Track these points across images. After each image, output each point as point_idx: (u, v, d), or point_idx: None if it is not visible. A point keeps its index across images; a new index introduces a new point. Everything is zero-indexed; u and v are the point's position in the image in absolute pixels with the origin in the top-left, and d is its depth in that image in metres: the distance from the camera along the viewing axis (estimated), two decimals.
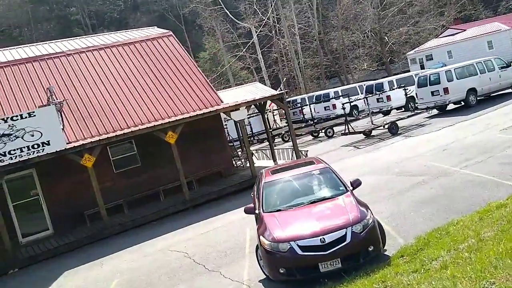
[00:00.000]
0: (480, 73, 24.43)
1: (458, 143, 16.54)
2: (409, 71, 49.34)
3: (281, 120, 35.86)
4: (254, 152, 23.18)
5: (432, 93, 24.43)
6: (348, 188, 9.21)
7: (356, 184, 9.48)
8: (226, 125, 31.02)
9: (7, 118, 13.62)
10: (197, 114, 16.57)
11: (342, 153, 20.69)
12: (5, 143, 13.46)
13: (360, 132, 22.24)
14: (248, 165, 21.03)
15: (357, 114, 31.02)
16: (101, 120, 17.11)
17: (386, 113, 28.65)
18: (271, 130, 31.31)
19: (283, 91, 18.57)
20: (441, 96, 24.07)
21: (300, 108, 31.87)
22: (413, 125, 23.15)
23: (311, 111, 29.99)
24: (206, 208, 16.19)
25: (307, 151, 19.26)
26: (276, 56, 57.74)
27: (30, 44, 21.05)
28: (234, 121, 17.52)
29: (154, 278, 10.45)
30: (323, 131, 26.92)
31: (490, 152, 14.09)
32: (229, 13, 54.32)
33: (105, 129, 16.82)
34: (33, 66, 17.95)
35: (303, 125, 29.87)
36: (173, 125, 16.04)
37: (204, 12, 54.61)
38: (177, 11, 70.31)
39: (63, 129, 16.39)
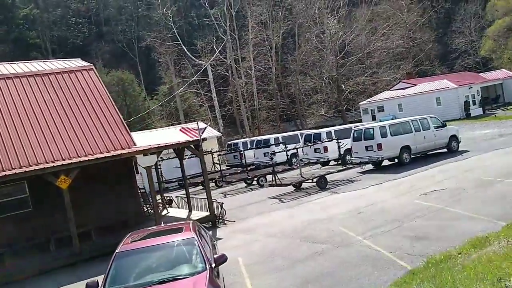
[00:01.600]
0: (415, 131, 24.12)
1: (375, 206, 15.73)
2: (361, 120, 49.56)
3: (223, 163, 34.68)
4: (174, 198, 21.78)
5: (366, 148, 23.90)
6: (207, 267, 7.94)
7: (220, 261, 8.25)
8: (160, 165, 29.72)
9: None
10: (97, 158, 15.16)
11: (264, 206, 19.56)
12: None
13: (287, 184, 21.22)
14: (167, 212, 19.65)
15: (297, 162, 30.18)
16: None
17: (324, 164, 27.92)
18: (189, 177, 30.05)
19: (199, 138, 17.36)
20: (374, 151, 23.52)
21: (240, 152, 30.80)
22: (344, 180, 22.37)
23: (244, 157, 28.94)
24: (100, 261, 14.60)
25: (222, 203, 18.00)
26: (231, 95, 57.19)
27: None
28: (142, 167, 16.18)
29: None
30: (256, 179, 25.80)
31: (400, 220, 13.28)
32: (185, 49, 53.76)
33: None
34: None
35: (239, 171, 28.74)
36: (67, 168, 14.55)
37: (160, 47, 53.86)
38: (136, 44, 69.69)
39: None
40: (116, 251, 8.58)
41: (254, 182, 26.12)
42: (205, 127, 19.29)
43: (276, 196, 21.34)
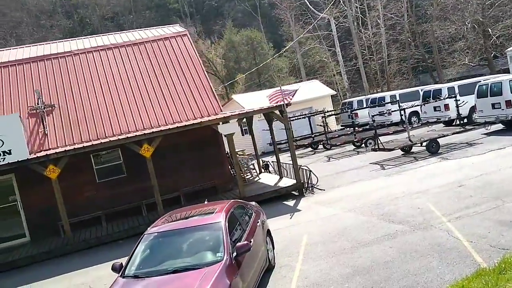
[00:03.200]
0: None
1: (482, 178, 13.41)
2: (508, 70, 43.21)
3: (338, 123, 33.12)
4: (269, 163, 21.25)
5: (493, 105, 20.59)
6: (224, 257, 7.26)
7: (242, 250, 7.49)
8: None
9: None
10: (177, 127, 15.19)
11: (361, 173, 18.06)
12: None
13: (390, 149, 19.29)
14: (258, 179, 19.34)
15: (415, 121, 27.59)
16: (88, 126, 16.53)
17: (447, 123, 24.92)
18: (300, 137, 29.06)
19: (282, 103, 16.36)
20: (502, 109, 20.16)
21: (352, 111, 28.99)
22: (462, 143, 19.66)
23: (355, 117, 27.12)
24: None
25: (310, 171, 16.95)
26: (357, 48, 54.05)
27: (39, 43, 21.14)
28: (224, 135, 15.83)
29: None
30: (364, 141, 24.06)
31: (503, 199, 11.02)
32: (308, 3, 51.79)
33: (89, 136, 16.20)
34: (31, 67, 17.87)
35: (349, 132, 27.09)
36: (149, 137, 14.84)
37: (281, 4, 52.66)
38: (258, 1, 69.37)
39: (46, 134, 16.09)
40: (145, 232, 8.34)
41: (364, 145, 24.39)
42: (296, 90, 18.15)
43: (380, 161, 19.60)
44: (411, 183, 14.71)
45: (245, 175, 19.24)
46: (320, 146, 27.53)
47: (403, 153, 20.30)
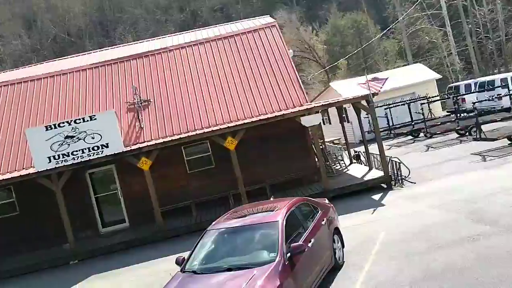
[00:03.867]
0: None
1: None
2: None
3: (444, 109, 30.98)
4: (361, 153, 20.53)
5: None
6: (277, 258, 7.23)
7: (297, 251, 7.40)
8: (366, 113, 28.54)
9: (71, 121, 14.79)
10: (259, 119, 15.37)
11: (460, 165, 16.77)
12: (69, 144, 14.69)
13: (492, 139, 17.68)
14: (346, 170, 18.92)
15: None
16: (179, 119, 17.37)
17: None
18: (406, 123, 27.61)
19: (368, 93, 15.69)
20: None
21: (456, 97, 26.97)
22: None
23: (461, 102, 25.18)
24: None
25: (399, 162, 16.11)
26: (470, 27, 49.89)
27: (133, 43, 22.46)
28: (301, 128, 15.60)
29: None
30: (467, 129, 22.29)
31: None
32: None
33: (180, 129, 17.01)
34: (130, 64, 19.19)
35: (453, 119, 25.26)
36: (233, 130, 15.20)
37: None
38: None
39: (142, 128, 17.23)
40: (207, 229, 8.61)
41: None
42: (386, 79, 17.30)
43: (482, 152, 18.02)
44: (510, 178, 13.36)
45: (334, 166, 18.88)
46: (422, 135, 26.06)
47: (510, 142, 18.48)
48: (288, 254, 7.35)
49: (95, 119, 14.86)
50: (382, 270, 8.79)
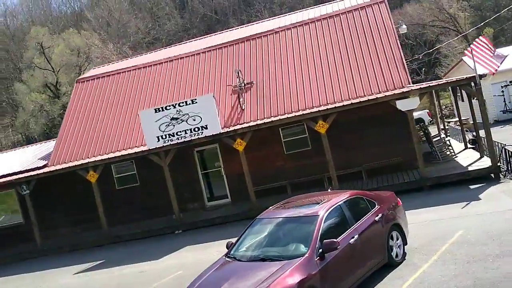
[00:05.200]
0: None
1: None
2: None
3: None
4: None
5: None
6: (308, 252, 7.37)
7: (328, 247, 7.42)
8: (502, 92, 25.85)
9: (176, 104, 16.15)
10: (351, 103, 15.03)
11: None
12: (174, 126, 16.11)
13: None
14: (455, 157, 17.61)
15: None
16: (278, 101, 17.78)
17: None
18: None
19: (475, 75, 14.19)
20: None
21: None
22: None
23: None
24: None
25: (505, 145, 14.41)
26: None
27: (245, 25, 23.02)
28: (402, 111, 14.74)
29: None
30: None
31: None
32: None
33: (278, 111, 17.44)
34: (239, 47, 20.08)
35: None
36: (324, 114, 15.16)
37: None
38: None
39: (243, 109, 18.07)
40: (257, 216, 9.01)
41: None
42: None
43: None
44: None
45: (444, 151, 17.62)
46: None
47: None
48: (320, 250, 7.44)
49: (196, 102, 16.02)
50: (437, 273, 8.33)
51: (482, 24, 40.93)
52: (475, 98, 15.13)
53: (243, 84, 18.48)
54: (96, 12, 68.74)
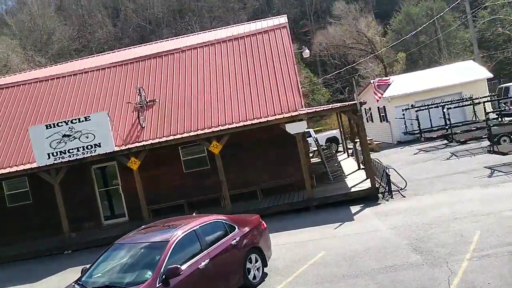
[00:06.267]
0: None
1: None
2: None
3: (492, 112, 28.69)
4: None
5: None
6: (151, 279, 7.47)
7: (171, 273, 7.58)
8: (403, 114, 27.37)
9: (68, 121, 15.86)
10: (244, 125, 15.48)
11: (463, 179, 15.69)
12: (66, 143, 15.80)
13: (503, 153, 16.33)
14: (345, 177, 18.45)
15: None
16: (178, 120, 17.88)
17: None
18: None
19: (355, 102, 15.08)
20: None
21: (498, 100, 25.02)
22: None
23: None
24: None
25: (389, 175, 15.38)
26: None
27: (152, 43, 23.13)
28: (291, 133, 15.35)
29: None
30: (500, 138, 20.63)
31: None
32: None
33: (177, 130, 17.55)
34: (145, 64, 20.09)
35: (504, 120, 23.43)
36: (218, 135, 15.47)
37: None
38: None
39: (143, 127, 18.02)
40: (116, 241, 9.04)
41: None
42: (389, 84, 16.53)
43: (496, 166, 16.74)
44: (492, 201, 12.43)
45: (333, 172, 18.45)
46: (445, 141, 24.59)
47: None
48: (163, 276, 7.58)
49: (89, 119, 15.82)
50: None
51: (394, 44, 43.39)
52: (357, 123, 15.98)
53: (145, 102, 18.46)
54: (17, 18, 65.95)
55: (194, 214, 10.40)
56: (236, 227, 9.46)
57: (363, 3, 60.91)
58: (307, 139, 28.71)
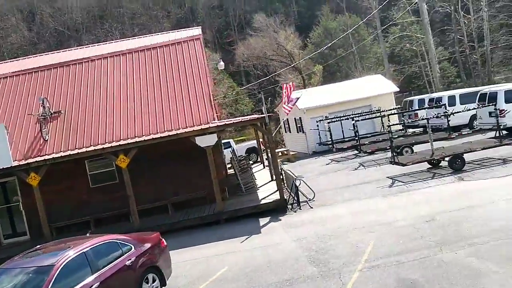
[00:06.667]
0: None
1: (458, 213, 11.60)
2: None
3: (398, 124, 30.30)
4: (283, 171, 20.13)
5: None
6: None
7: None
8: (317, 126, 28.18)
9: None
10: (153, 138, 15.19)
11: (367, 189, 16.40)
12: None
13: (403, 164, 17.28)
14: (258, 189, 18.63)
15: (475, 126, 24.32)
16: (85, 133, 17.18)
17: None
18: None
19: (264, 115, 15.38)
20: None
21: (403, 113, 26.55)
22: (498, 159, 16.93)
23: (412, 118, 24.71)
24: None
25: (297, 186, 15.75)
26: (453, 35, 49.06)
27: (61, 50, 22.33)
28: (201, 147, 15.28)
29: None
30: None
31: (451, 245, 9.30)
32: None
33: (83, 143, 16.85)
34: (51, 73, 19.14)
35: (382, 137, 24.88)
36: (125, 148, 15.03)
37: None
38: None
39: (46, 140, 17.12)
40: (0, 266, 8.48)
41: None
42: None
43: (397, 176, 17.64)
44: (389, 211, 13.08)
45: (246, 184, 18.58)
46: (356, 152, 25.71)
47: (430, 166, 18.08)
48: None
49: None
50: None
51: (311, 55, 44.94)
52: (266, 135, 16.24)
53: (49, 113, 17.58)
54: None
55: (88, 234, 9.98)
56: (133, 247, 9.19)
57: (284, 16, 62.47)
58: (228, 149, 28.94)
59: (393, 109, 28.90)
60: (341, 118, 27.35)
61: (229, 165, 25.76)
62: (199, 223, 15.46)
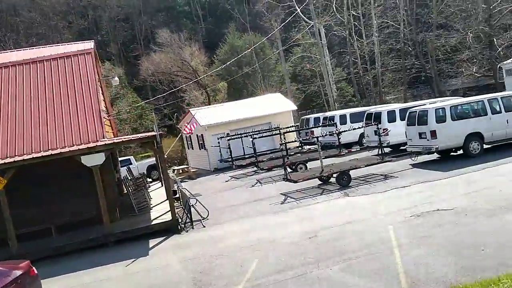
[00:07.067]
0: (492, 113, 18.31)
1: (340, 229, 12.11)
2: (503, 84, 40.48)
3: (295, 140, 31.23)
4: (180, 189, 19.92)
5: (420, 135, 18.93)
6: None
7: None
8: (218, 143, 28.30)
9: None
10: (32, 158, 14.28)
11: (259, 206, 16.74)
12: None
13: (294, 181, 17.88)
14: (150, 209, 18.23)
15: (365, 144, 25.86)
16: None
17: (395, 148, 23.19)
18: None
19: (156, 133, 15.18)
20: (427, 140, 18.49)
21: (309, 130, 27.66)
22: (380, 175, 18.07)
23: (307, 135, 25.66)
24: None
25: (191, 205, 15.65)
26: (349, 58, 52.16)
27: None
28: (88, 166, 14.67)
29: None
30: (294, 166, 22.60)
31: (328, 260, 9.65)
32: (299, 11, 50.16)
33: None
34: None
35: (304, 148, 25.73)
36: (2, 168, 13.97)
37: (267, 12, 51.24)
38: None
39: None
40: None
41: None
42: (190, 120, 16.96)
43: (289, 192, 18.17)
44: (277, 228, 13.37)
45: (139, 204, 18.11)
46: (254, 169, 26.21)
47: (321, 182, 18.85)
48: None
49: None
50: None
51: (214, 71, 45.38)
52: (157, 154, 15.99)
53: None
54: None
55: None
56: None
57: (192, 32, 62.57)
58: (129, 166, 28.03)
59: (290, 126, 29.92)
60: (242, 135, 27.76)
61: None
62: (86, 246, 14.71)
